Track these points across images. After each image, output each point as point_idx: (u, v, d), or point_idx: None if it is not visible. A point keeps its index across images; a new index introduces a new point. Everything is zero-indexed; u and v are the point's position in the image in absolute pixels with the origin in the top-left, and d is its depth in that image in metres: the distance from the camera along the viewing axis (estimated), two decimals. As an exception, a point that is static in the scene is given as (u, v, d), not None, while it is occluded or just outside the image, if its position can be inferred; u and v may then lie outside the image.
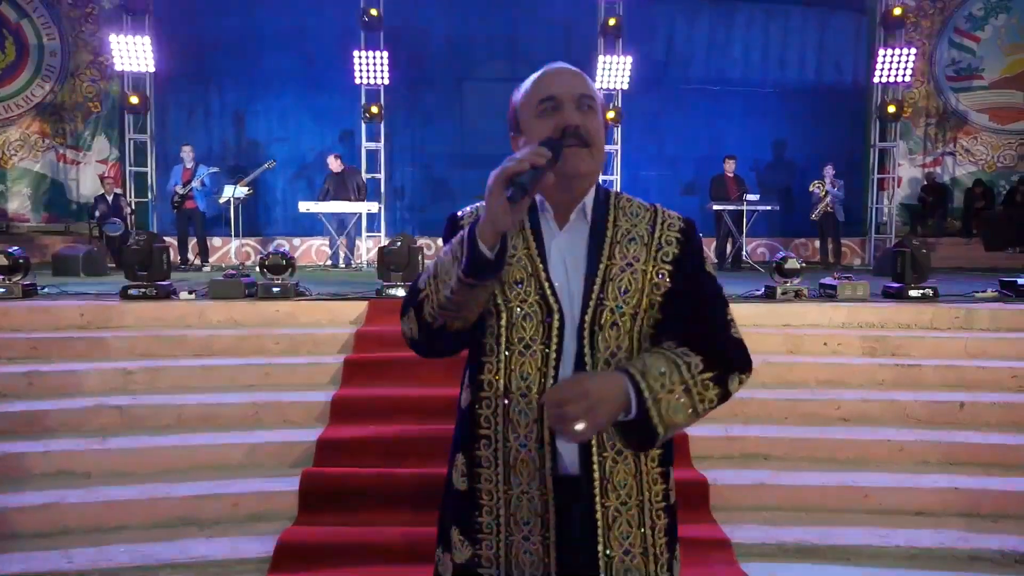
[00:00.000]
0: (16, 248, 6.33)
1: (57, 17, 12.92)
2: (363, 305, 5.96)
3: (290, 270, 6.28)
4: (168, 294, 6.09)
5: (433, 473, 3.56)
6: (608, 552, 1.55)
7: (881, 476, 4.33)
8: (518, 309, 1.54)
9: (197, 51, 12.61)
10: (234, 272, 6.41)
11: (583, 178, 1.55)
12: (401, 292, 6.12)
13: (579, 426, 1.36)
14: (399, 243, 6.40)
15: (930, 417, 4.84)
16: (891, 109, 12.41)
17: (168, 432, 4.55)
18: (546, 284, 1.55)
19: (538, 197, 1.57)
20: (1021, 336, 5.62)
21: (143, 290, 5.98)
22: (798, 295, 6.35)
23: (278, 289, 6.09)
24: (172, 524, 3.89)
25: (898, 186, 13.58)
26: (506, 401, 1.55)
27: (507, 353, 1.55)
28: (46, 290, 6.44)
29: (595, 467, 1.54)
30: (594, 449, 1.54)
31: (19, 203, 13.01)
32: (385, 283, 6.41)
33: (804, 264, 6.86)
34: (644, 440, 1.50)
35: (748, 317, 5.95)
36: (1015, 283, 6.76)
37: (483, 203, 1.45)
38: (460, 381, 1.66)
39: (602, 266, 1.55)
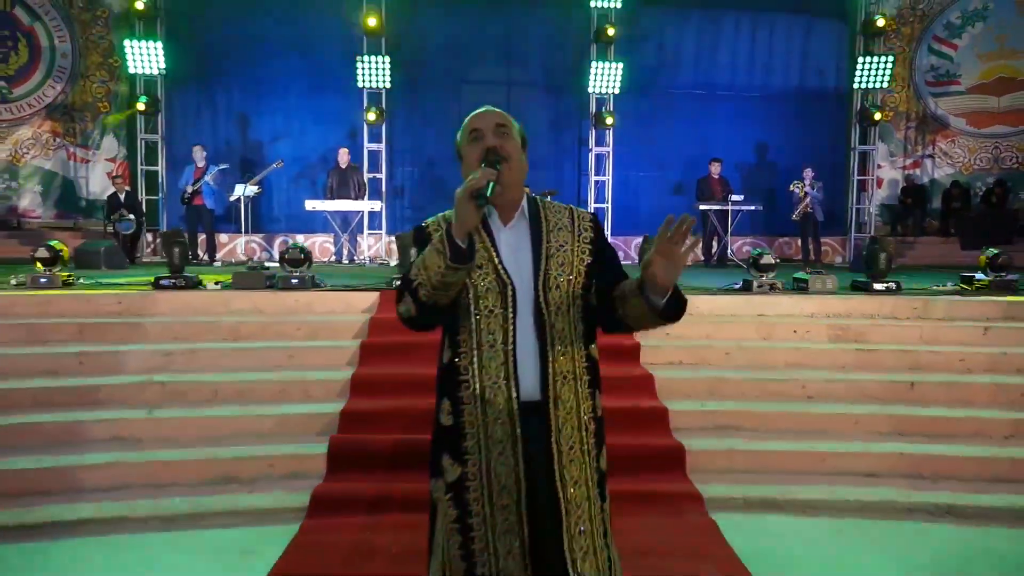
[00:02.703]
0: (55, 242, 6.85)
1: (68, 20, 13.39)
2: (375, 295, 6.49)
3: (307, 263, 6.83)
4: (196, 285, 6.64)
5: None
6: (559, 447, 2.14)
7: (838, 444, 4.91)
8: (482, 285, 2.12)
9: (205, 55, 13.11)
10: (255, 265, 6.94)
11: (509, 187, 2.12)
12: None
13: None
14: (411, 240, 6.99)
15: (884, 394, 5.42)
16: (877, 116, 13.08)
17: (207, 405, 5.11)
18: (500, 266, 2.14)
19: None
20: (971, 325, 6.19)
21: (173, 281, 6.52)
22: (773, 288, 6.92)
23: (296, 280, 6.63)
24: (218, 481, 4.46)
25: (879, 187, 14.17)
26: (478, 352, 2.13)
27: (477, 317, 2.13)
28: (81, 281, 6.97)
29: (551, 389, 2.13)
30: (550, 379, 2.13)
31: (30, 199, 13.47)
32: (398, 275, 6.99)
33: (779, 260, 7.44)
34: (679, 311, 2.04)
35: (727, 308, 6.52)
36: (973, 278, 7.35)
37: (442, 214, 2.15)
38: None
39: (544, 248, 2.16)
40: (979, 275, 7.32)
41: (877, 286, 6.95)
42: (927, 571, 3.68)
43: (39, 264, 6.64)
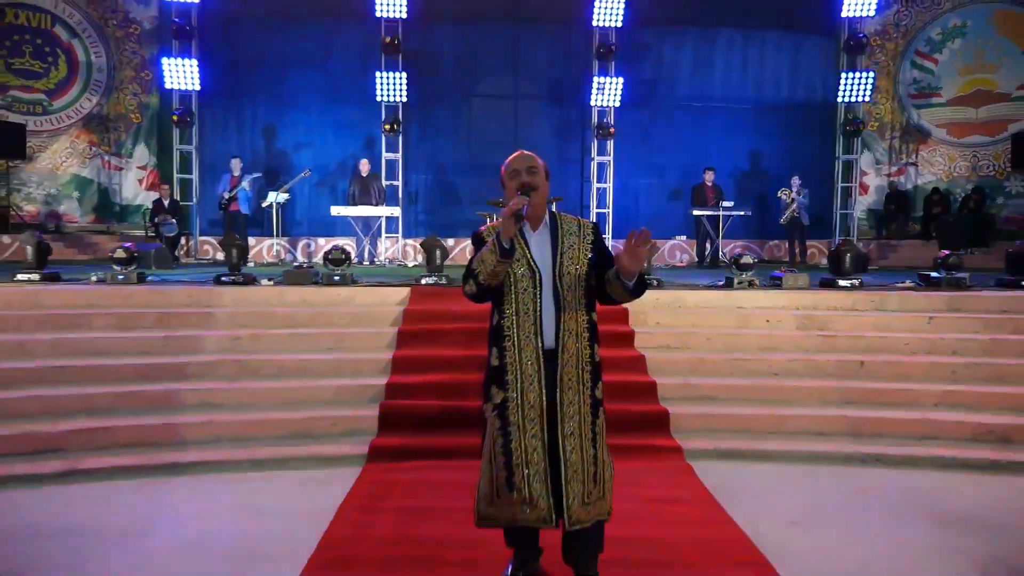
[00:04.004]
0: (130, 243, 7.89)
1: (104, 37, 14.44)
2: (406, 290, 7.53)
3: (347, 262, 7.86)
4: (252, 281, 7.68)
5: (467, 405, 5.22)
6: (562, 380, 3.18)
7: (796, 410, 5.96)
8: (518, 272, 3.21)
9: (235, 70, 14.17)
10: (301, 265, 7.98)
11: (536, 207, 3.20)
12: (431, 281, 7.88)
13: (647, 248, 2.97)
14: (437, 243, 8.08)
15: (837, 371, 6.45)
16: (860, 127, 14.13)
17: (275, 378, 6.17)
18: (531, 260, 3.23)
19: None
20: (919, 314, 7.21)
21: (232, 277, 7.57)
22: (751, 284, 7.95)
23: (339, 277, 7.67)
24: (291, 436, 5.53)
25: (863, 194, 15.02)
26: (516, 316, 3.19)
27: (515, 293, 3.21)
28: (150, 278, 8.01)
29: (561, 341, 3.19)
30: (561, 334, 3.18)
31: (68, 205, 14.42)
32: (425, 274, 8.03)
33: (766, 260, 8.44)
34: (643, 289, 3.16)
35: (710, 301, 7.53)
36: (929, 276, 8.35)
37: (491, 224, 3.21)
38: (485, 343, 3.30)
39: (559, 247, 3.23)
40: (934, 273, 8.31)
41: (842, 283, 7.97)
42: (853, 498, 4.71)
43: (115, 265, 7.62)
